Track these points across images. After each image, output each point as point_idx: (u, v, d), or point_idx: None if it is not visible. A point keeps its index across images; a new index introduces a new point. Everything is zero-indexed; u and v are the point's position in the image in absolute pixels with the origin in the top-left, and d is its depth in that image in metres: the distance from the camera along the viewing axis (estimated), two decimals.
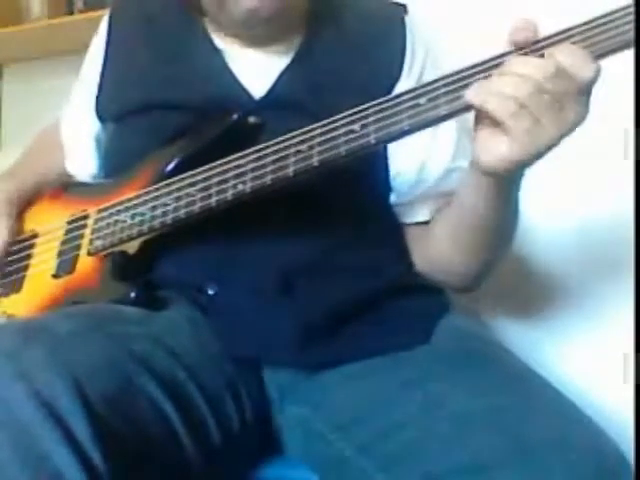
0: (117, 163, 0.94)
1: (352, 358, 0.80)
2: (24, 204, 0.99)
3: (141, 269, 0.85)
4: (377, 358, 0.79)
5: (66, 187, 0.99)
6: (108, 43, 1.00)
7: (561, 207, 1.18)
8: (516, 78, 0.64)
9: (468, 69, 0.68)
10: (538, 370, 0.77)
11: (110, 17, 1.01)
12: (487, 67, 0.67)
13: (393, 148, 0.89)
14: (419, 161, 0.90)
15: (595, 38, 0.64)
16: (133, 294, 0.80)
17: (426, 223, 0.92)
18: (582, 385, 1.05)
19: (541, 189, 1.16)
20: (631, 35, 0.63)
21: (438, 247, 0.89)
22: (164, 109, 0.89)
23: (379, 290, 0.84)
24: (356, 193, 0.87)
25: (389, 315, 0.83)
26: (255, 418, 0.80)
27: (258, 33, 0.90)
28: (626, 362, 1.06)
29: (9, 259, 0.94)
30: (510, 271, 1.15)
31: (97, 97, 0.98)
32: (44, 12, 1.55)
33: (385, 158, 0.90)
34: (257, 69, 0.90)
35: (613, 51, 0.64)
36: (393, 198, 0.93)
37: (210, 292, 0.82)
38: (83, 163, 1.04)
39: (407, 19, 0.95)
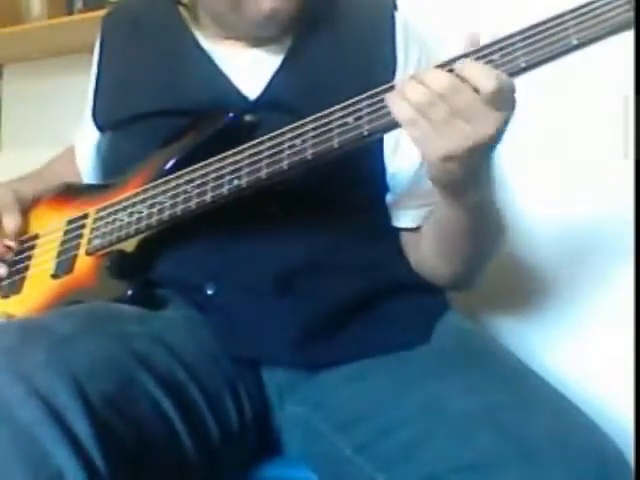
0: (116, 169, 0.94)
1: (352, 358, 0.80)
2: (29, 205, 1.00)
3: (139, 268, 0.85)
4: (377, 358, 0.79)
5: (67, 189, 1.00)
6: (101, 54, 1.01)
7: (561, 207, 1.18)
8: (420, 87, 0.66)
9: (459, 58, 0.68)
10: (537, 370, 0.77)
11: (102, 27, 1.02)
12: (480, 56, 0.67)
13: (390, 148, 0.89)
14: (416, 161, 0.89)
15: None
16: (130, 292, 0.80)
17: (415, 230, 0.91)
18: (582, 385, 1.05)
19: (541, 190, 1.16)
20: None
21: (425, 254, 0.89)
22: (160, 116, 0.89)
23: (378, 289, 0.84)
24: (354, 192, 0.87)
25: (389, 314, 0.83)
26: (254, 417, 0.80)
27: (268, 34, 0.90)
28: (626, 360, 1.06)
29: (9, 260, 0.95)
30: (509, 270, 1.15)
31: (93, 107, 1.00)
32: (44, 12, 1.55)
33: (381, 155, 0.90)
34: (249, 71, 0.90)
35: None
36: (389, 198, 0.92)
37: (209, 292, 0.82)
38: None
39: (397, 15, 0.95)
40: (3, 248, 0.93)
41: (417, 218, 0.90)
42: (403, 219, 0.91)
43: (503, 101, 0.65)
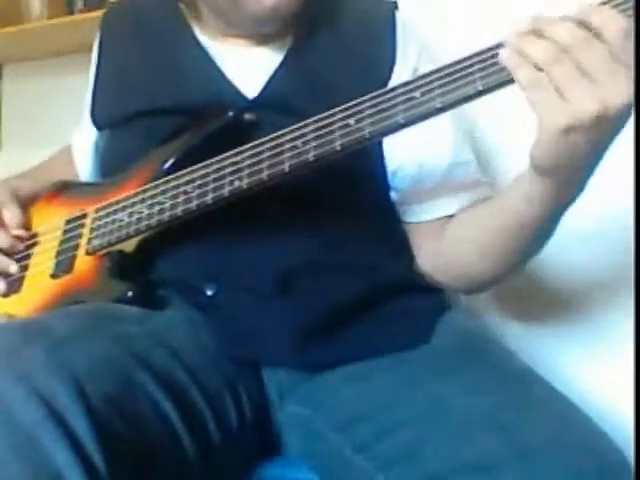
0: (114, 167, 0.94)
1: (352, 358, 0.80)
2: (28, 203, 0.99)
3: (139, 268, 0.85)
4: (377, 358, 0.79)
5: (65, 187, 1.00)
6: (100, 52, 1.01)
7: None
8: (542, 41, 0.60)
9: (463, 61, 0.67)
10: (538, 370, 0.77)
11: (101, 25, 1.02)
12: (483, 58, 0.66)
13: (389, 145, 0.88)
14: (417, 157, 0.89)
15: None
16: (131, 293, 0.80)
17: (437, 221, 0.90)
18: (582, 385, 1.05)
19: None
20: None
21: (457, 248, 0.87)
22: (159, 115, 0.89)
23: (378, 289, 0.84)
24: (353, 192, 0.87)
25: (389, 315, 0.83)
26: (254, 418, 0.79)
27: (269, 30, 0.90)
28: (626, 362, 1.06)
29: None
30: None
31: (92, 105, 0.99)
32: (44, 12, 1.55)
33: (381, 155, 0.89)
34: (249, 69, 0.90)
35: None
36: (394, 196, 0.92)
37: (209, 292, 0.82)
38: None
39: (398, 15, 0.95)
40: (11, 239, 0.92)
41: (434, 210, 0.89)
42: (424, 212, 0.90)
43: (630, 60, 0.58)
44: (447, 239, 0.88)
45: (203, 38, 0.94)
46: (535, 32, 0.61)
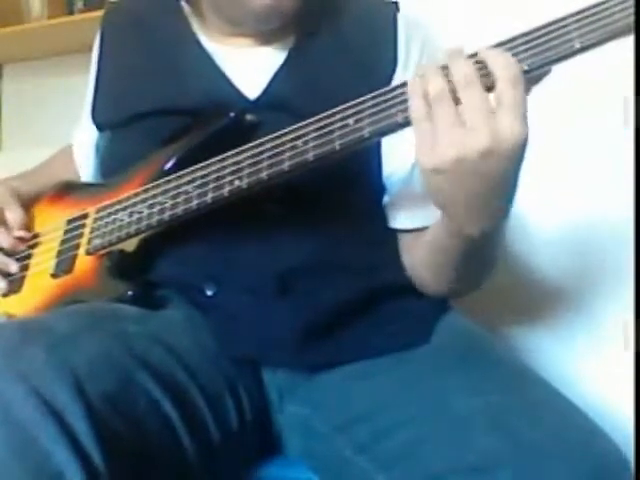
0: (115, 168, 0.94)
1: (352, 358, 0.80)
2: (28, 203, 0.99)
3: (140, 268, 0.85)
4: (377, 358, 0.79)
5: (67, 188, 1.00)
6: (101, 52, 1.01)
7: (561, 209, 1.18)
8: (439, 77, 0.64)
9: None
10: (537, 369, 0.77)
11: (102, 25, 1.02)
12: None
13: (387, 148, 0.88)
14: (410, 162, 0.89)
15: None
16: (131, 292, 0.80)
17: (412, 231, 0.89)
18: (582, 385, 1.05)
19: (541, 192, 1.16)
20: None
21: (416, 262, 0.87)
22: (160, 116, 0.89)
23: (378, 290, 0.84)
24: (352, 193, 0.87)
25: (389, 315, 0.83)
26: (254, 418, 0.80)
27: (271, 27, 0.90)
28: (626, 361, 1.06)
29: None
30: (509, 269, 1.15)
31: (93, 106, 0.99)
32: (44, 12, 1.55)
33: (379, 158, 0.89)
34: (250, 70, 0.90)
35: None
36: (385, 199, 0.92)
37: (209, 292, 0.82)
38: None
39: (399, 16, 0.95)
40: (14, 240, 0.93)
41: (410, 220, 0.89)
42: (397, 220, 0.91)
43: (513, 106, 0.61)
44: (413, 252, 0.88)
45: (204, 38, 0.93)
46: (443, 66, 0.65)
